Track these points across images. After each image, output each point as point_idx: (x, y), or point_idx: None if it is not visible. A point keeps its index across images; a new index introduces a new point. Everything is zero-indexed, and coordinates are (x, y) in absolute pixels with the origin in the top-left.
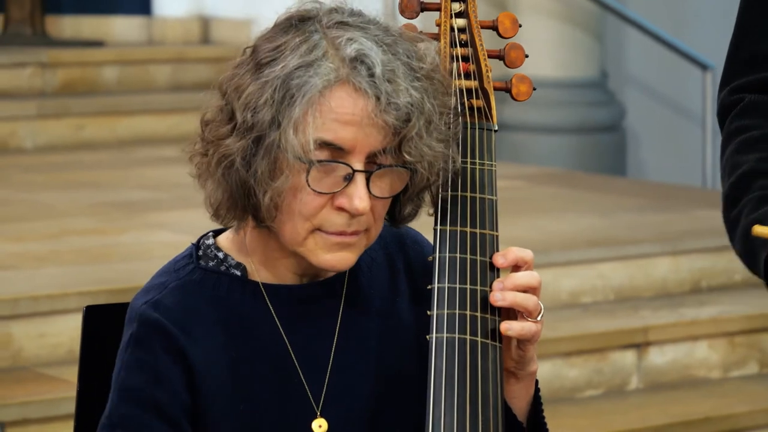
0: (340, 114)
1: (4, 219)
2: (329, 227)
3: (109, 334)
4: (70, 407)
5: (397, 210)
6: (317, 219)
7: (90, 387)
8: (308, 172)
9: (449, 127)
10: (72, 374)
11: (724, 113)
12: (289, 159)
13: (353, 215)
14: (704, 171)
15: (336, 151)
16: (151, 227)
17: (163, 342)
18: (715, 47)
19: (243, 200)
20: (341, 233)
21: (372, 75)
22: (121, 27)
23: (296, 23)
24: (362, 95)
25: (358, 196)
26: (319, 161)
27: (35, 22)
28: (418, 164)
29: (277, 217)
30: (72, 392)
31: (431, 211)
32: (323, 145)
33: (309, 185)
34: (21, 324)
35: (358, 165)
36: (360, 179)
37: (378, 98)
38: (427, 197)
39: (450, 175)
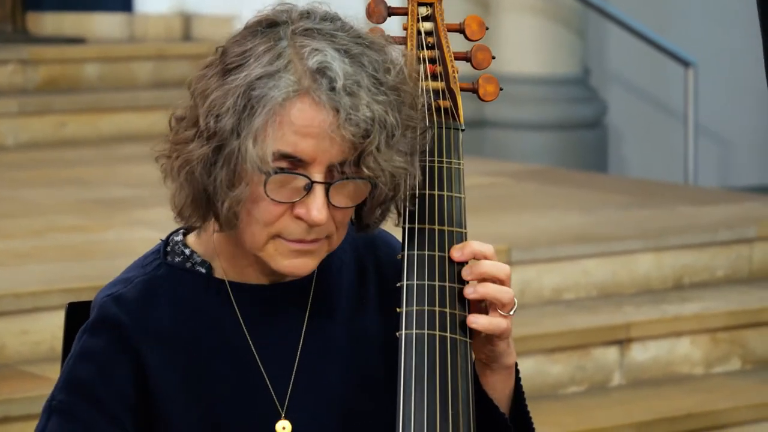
0: (299, 126)
1: None
2: (288, 235)
3: None
4: None
5: (363, 217)
6: (276, 226)
7: None
8: (266, 182)
9: (415, 141)
10: (54, 371)
11: None
12: (248, 169)
13: (311, 225)
14: (686, 167)
15: (295, 163)
16: (133, 224)
17: (115, 337)
18: (698, 44)
19: (205, 205)
20: (300, 241)
21: (333, 89)
22: (103, 24)
23: (265, 28)
24: (322, 108)
25: (316, 208)
26: (277, 171)
27: (16, 19)
28: (378, 178)
29: (239, 223)
30: None
31: (397, 221)
32: (282, 156)
33: (267, 195)
34: (3, 321)
35: (318, 176)
36: (319, 190)
37: (337, 111)
38: (394, 208)
39: (413, 187)
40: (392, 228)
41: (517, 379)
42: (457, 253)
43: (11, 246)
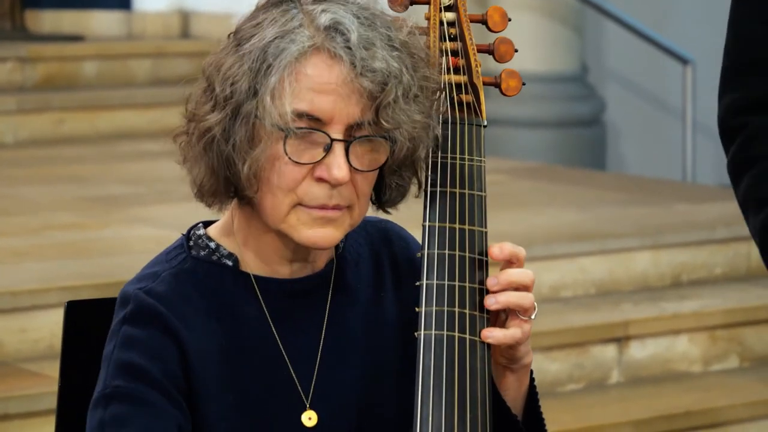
0: (316, 82)
1: None
2: (310, 201)
3: (91, 329)
4: (51, 402)
5: (383, 191)
6: (298, 192)
7: (71, 383)
8: (285, 140)
9: (431, 102)
10: (53, 369)
11: (729, 136)
12: (267, 127)
13: (333, 186)
14: (684, 165)
15: (314, 122)
16: (132, 222)
17: (157, 322)
18: (696, 41)
19: (224, 172)
20: (323, 207)
21: (348, 41)
22: (101, 21)
23: (276, 2)
24: (338, 61)
25: (337, 165)
26: (297, 128)
27: (15, 16)
28: (396, 131)
29: (258, 189)
30: (53, 387)
31: (418, 193)
32: (301, 115)
33: (287, 154)
34: (1, 319)
35: (337, 134)
36: (339, 148)
37: (353, 64)
38: (413, 181)
39: (431, 146)
40: (412, 223)
41: (531, 380)
42: (497, 251)
43: (9, 244)
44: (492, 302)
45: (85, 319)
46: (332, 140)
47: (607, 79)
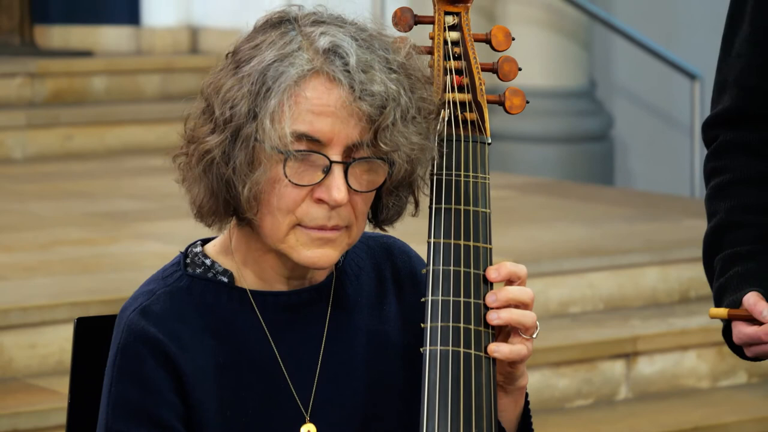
0: (315, 104)
1: None
2: (309, 221)
3: (101, 345)
4: (60, 418)
5: (380, 210)
6: (297, 213)
7: (81, 398)
8: (285, 162)
9: (429, 123)
10: (62, 385)
11: (707, 148)
12: (267, 150)
13: (332, 207)
14: (692, 180)
15: (313, 143)
16: (140, 237)
17: (150, 350)
18: (703, 57)
19: (224, 195)
20: (321, 228)
21: (346, 65)
22: (110, 37)
23: (274, 23)
24: (337, 84)
25: (336, 187)
26: (297, 151)
27: (24, 32)
28: (395, 154)
29: (258, 211)
30: (62, 403)
31: (414, 212)
32: (300, 137)
33: (286, 176)
34: (11, 334)
35: (336, 156)
36: (338, 170)
37: (352, 87)
38: (410, 198)
39: (429, 166)
40: (415, 239)
41: (526, 402)
42: (494, 273)
43: (18, 259)
44: (494, 317)
45: (95, 335)
46: (331, 162)
47: (615, 94)
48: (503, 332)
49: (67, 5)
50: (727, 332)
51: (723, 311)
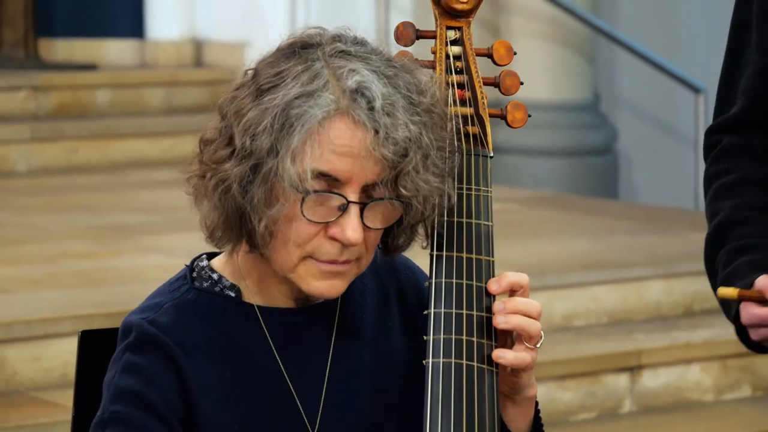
0: (337, 145)
1: None
2: (321, 255)
3: (105, 358)
4: (64, 431)
5: (390, 240)
6: (309, 246)
7: (85, 411)
8: (303, 201)
9: (445, 162)
10: (66, 398)
11: (706, 155)
12: (285, 187)
13: (345, 245)
14: (697, 194)
15: (331, 182)
16: (145, 250)
17: (158, 351)
18: (707, 70)
19: (238, 225)
20: (333, 262)
21: (372, 108)
22: (114, 50)
23: (299, 49)
24: (361, 128)
25: (351, 228)
26: (315, 191)
27: (28, 45)
28: (414, 198)
29: (271, 243)
30: (66, 416)
31: (425, 244)
32: (319, 175)
33: (303, 214)
34: (15, 348)
35: (353, 196)
36: (354, 210)
37: (377, 131)
38: (421, 230)
39: (444, 210)
40: (418, 252)
41: (536, 411)
42: (494, 285)
43: (22, 272)
44: (501, 321)
45: (99, 348)
46: (348, 202)
47: (619, 107)
48: (506, 344)
49: (71, 18)
50: (736, 320)
51: (733, 291)
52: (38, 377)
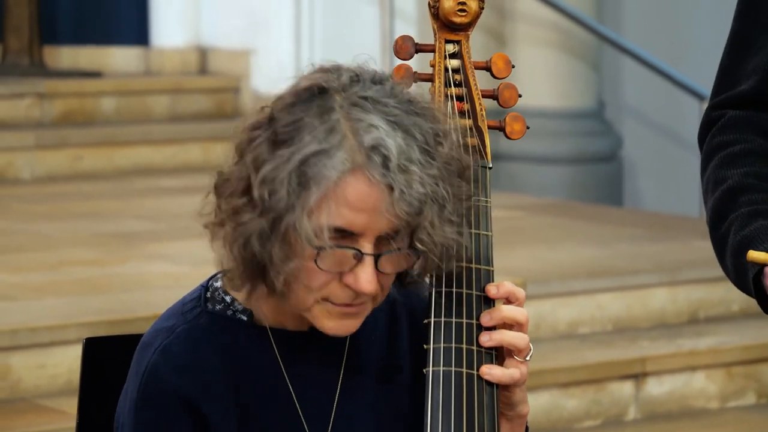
0: (353, 202)
1: (3, 250)
2: (336, 299)
3: (109, 366)
4: None
5: (404, 275)
6: (325, 291)
7: (89, 419)
8: (318, 254)
9: (462, 207)
10: (70, 405)
11: (704, 130)
12: (302, 242)
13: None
14: (701, 201)
15: (347, 236)
16: (150, 258)
17: (172, 404)
18: (712, 77)
19: (257, 275)
20: (348, 305)
21: (387, 167)
22: (119, 57)
23: (315, 95)
24: (376, 186)
25: (366, 279)
26: (331, 246)
27: (33, 52)
28: (431, 252)
29: (287, 288)
30: (70, 423)
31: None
32: (335, 230)
33: (318, 266)
34: (20, 355)
35: (368, 248)
36: (369, 261)
37: (391, 189)
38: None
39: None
40: None
41: (526, 430)
42: (494, 290)
43: (27, 279)
44: (486, 339)
45: (104, 356)
46: (363, 254)
47: (624, 115)
48: (502, 352)
49: (76, 26)
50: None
51: (764, 255)
52: (43, 384)
